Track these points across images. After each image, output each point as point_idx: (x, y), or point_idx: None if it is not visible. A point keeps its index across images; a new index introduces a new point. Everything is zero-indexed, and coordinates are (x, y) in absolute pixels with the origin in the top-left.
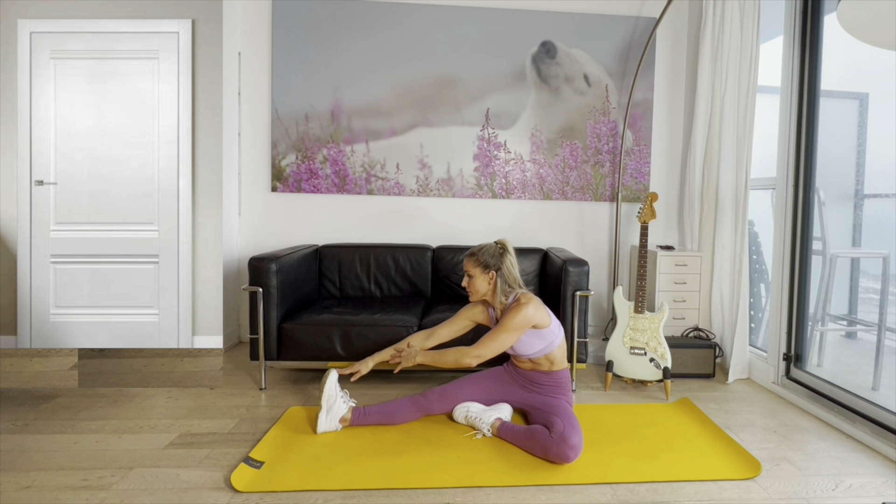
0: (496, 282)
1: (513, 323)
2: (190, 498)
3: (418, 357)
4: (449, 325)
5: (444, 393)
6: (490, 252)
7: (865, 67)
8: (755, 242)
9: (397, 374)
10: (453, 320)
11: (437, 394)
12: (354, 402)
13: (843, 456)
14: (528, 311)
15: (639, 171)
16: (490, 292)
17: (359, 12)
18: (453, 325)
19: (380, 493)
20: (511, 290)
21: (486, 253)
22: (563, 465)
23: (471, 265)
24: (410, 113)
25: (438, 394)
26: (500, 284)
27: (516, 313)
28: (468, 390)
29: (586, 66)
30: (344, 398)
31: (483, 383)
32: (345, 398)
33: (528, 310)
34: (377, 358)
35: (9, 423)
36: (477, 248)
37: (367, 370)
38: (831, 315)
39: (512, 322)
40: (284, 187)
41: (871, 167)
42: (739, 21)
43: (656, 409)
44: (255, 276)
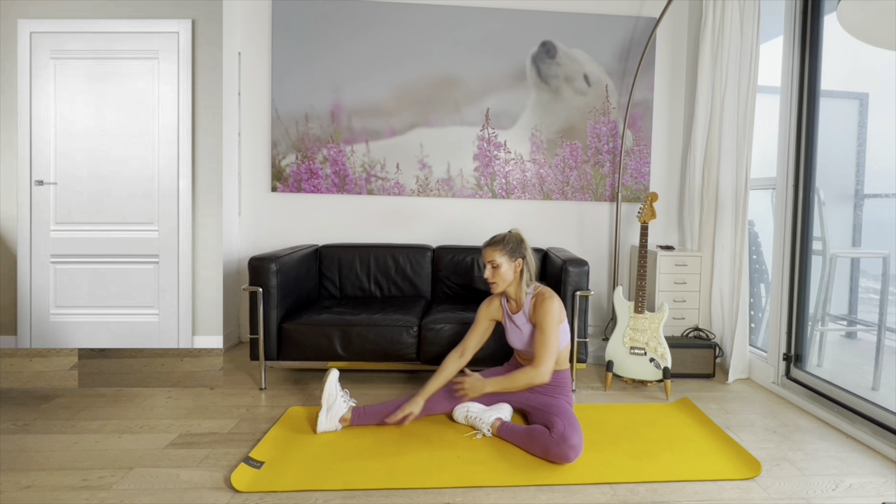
0: (522, 270)
1: (554, 319)
2: (190, 498)
3: (486, 387)
4: (474, 334)
5: (446, 393)
6: (514, 240)
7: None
8: (755, 242)
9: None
10: (476, 327)
11: (440, 394)
12: (355, 402)
13: (843, 456)
14: (558, 304)
15: (639, 171)
16: (515, 282)
17: (359, 12)
18: (478, 331)
19: (380, 493)
20: (531, 279)
21: (510, 240)
22: (563, 465)
23: (497, 253)
24: (410, 113)
25: (441, 394)
26: (526, 273)
27: (551, 308)
28: None
29: (586, 66)
30: (344, 398)
31: None
32: (345, 398)
33: (557, 303)
34: (427, 393)
35: (9, 423)
36: (499, 237)
37: (419, 410)
38: (831, 315)
39: (553, 318)
40: (284, 187)
41: (871, 167)
42: (739, 21)
43: (656, 409)
44: (255, 276)
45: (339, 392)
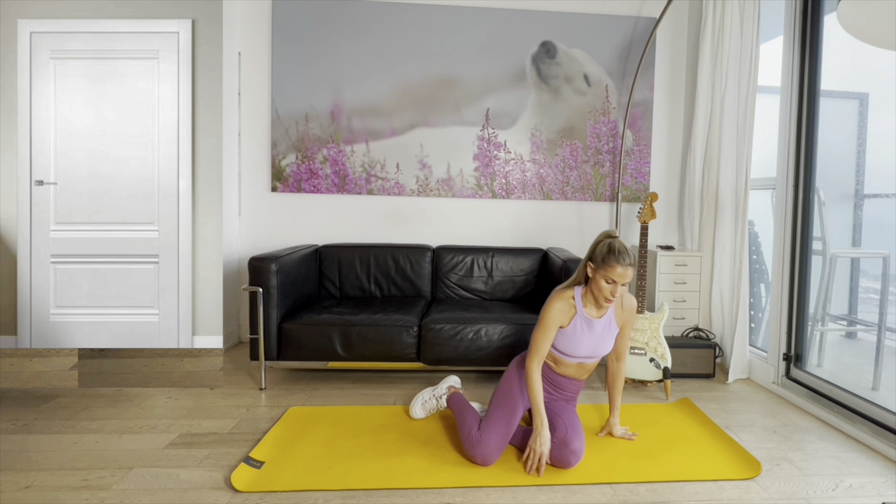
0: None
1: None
2: (190, 498)
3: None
4: (547, 342)
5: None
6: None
7: (865, 67)
8: (755, 242)
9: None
10: (548, 335)
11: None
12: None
13: (843, 456)
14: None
15: (639, 171)
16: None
17: (359, 12)
18: (549, 339)
19: (380, 493)
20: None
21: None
22: (564, 469)
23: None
24: (410, 113)
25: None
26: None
27: (634, 306)
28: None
29: (586, 66)
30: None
31: (517, 400)
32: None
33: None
34: (545, 417)
35: (9, 423)
36: (630, 254)
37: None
38: (831, 315)
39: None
40: (284, 187)
41: (871, 167)
42: (739, 21)
43: (656, 409)
44: (255, 276)
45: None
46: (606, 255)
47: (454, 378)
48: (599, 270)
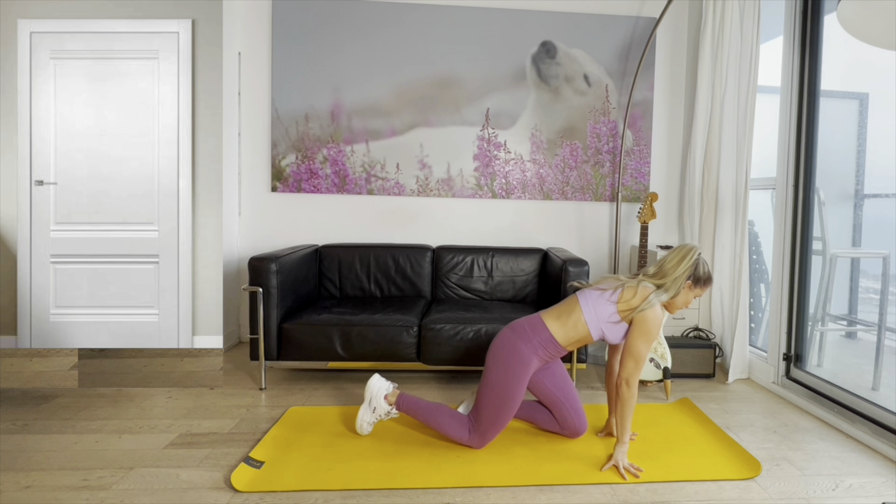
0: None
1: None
2: (190, 498)
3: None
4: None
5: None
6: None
7: (865, 67)
8: (755, 242)
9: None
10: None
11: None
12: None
13: (843, 456)
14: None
15: (639, 171)
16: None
17: (359, 12)
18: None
19: (380, 493)
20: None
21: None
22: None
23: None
24: (410, 113)
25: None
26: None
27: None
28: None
29: (586, 66)
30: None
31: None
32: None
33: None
34: (628, 432)
35: (9, 423)
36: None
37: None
38: (831, 315)
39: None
40: (284, 187)
41: (871, 167)
42: (739, 21)
43: (656, 409)
44: (255, 276)
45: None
46: (708, 277)
47: (378, 384)
48: (696, 288)
